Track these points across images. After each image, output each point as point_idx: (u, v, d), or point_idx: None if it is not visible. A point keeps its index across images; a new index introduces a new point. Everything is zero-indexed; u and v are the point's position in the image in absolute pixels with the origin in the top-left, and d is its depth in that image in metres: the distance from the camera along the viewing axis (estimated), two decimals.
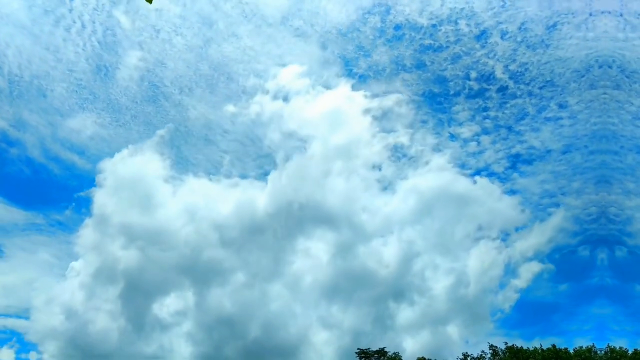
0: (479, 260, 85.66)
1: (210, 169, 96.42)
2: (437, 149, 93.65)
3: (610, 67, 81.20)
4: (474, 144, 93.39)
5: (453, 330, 79.44)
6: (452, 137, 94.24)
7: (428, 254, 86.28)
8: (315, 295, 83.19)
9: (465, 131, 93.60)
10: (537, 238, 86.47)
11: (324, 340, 78.68)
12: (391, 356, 66.78)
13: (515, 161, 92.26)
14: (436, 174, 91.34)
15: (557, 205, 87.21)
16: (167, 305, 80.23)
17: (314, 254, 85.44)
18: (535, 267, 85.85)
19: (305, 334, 79.01)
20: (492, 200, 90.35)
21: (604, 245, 74.14)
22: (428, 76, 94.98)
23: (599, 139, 78.92)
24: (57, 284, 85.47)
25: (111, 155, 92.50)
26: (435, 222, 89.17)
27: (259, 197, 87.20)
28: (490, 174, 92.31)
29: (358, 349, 67.35)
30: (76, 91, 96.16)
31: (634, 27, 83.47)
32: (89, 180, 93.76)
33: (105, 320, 76.92)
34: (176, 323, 79.48)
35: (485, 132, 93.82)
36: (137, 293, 79.74)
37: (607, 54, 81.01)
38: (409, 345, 76.35)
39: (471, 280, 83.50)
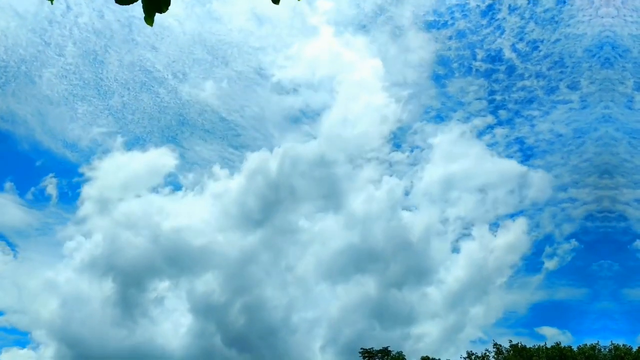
0: (501, 243, 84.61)
1: (208, 157, 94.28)
2: (440, 134, 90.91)
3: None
4: (482, 130, 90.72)
5: (469, 320, 79.45)
6: (459, 122, 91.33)
7: (442, 238, 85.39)
8: (323, 279, 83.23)
9: (476, 121, 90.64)
10: (559, 223, 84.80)
11: (325, 329, 78.93)
12: (394, 356, 66.54)
13: (525, 146, 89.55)
14: (436, 164, 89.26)
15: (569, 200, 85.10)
16: (166, 298, 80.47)
17: (320, 235, 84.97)
18: (557, 252, 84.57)
19: (308, 322, 79.24)
20: (509, 180, 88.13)
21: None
22: (432, 57, 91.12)
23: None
24: (56, 280, 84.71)
25: (104, 144, 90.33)
26: (446, 206, 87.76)
27: (263, 178, 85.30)
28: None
29: (362, 348, 67.21)
30: (65, 77, 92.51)
31: (624, 1, 79.44)
32: (81, 173, 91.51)
33: (107, 318, 77.02)
34: (174, 315, 79.88)
35: (496, 116, 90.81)
36: (139, 288, 79.61)
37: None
38: (428, 329, 76.66)
39: (489, 266, 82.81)
